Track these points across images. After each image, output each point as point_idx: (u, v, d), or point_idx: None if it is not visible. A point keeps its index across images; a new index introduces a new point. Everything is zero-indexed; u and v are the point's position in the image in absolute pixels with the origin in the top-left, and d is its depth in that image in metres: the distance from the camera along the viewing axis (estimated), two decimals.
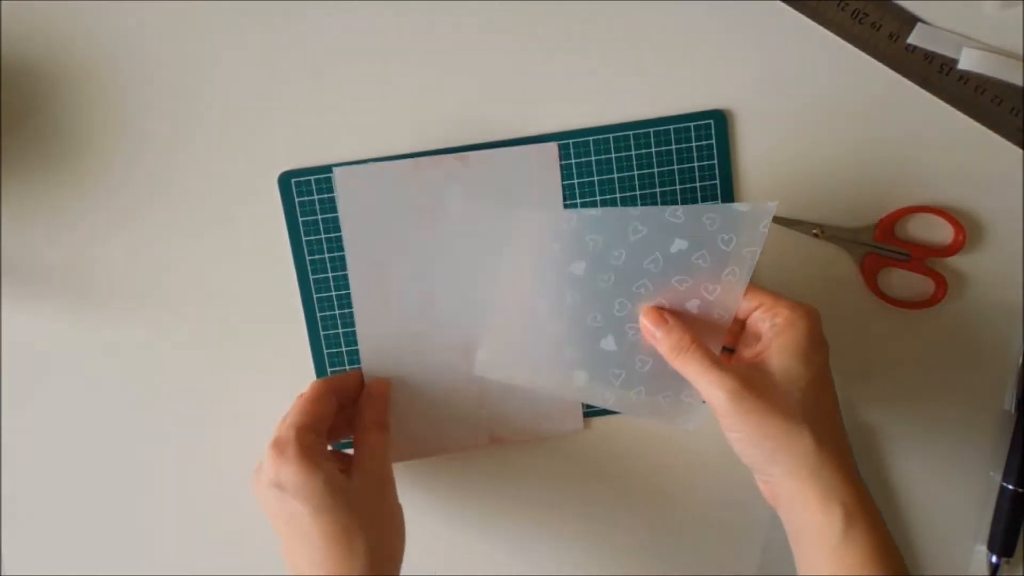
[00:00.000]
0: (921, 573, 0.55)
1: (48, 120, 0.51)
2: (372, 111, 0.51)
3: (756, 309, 0.45)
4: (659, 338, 0.45)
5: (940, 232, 0.52)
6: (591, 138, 0.51)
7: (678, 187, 0.51)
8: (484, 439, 0.53)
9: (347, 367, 0.53)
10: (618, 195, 0.51)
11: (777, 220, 0.52)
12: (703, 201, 0.51)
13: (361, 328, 0.52)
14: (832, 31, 0.51)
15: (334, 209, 0.52)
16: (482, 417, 0.52)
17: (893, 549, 0.43)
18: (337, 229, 0.52)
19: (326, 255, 0.52)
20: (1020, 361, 0.53)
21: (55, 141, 0.51)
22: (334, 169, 0.51)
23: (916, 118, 0.51)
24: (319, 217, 0.52)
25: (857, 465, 0.44)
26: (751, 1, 0.51)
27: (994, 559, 0.53)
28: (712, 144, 0.51)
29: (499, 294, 0.49)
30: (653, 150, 0.51)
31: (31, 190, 0.52)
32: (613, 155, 0.51)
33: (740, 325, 0.46)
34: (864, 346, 0.53)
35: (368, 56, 0.51)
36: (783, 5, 0.51)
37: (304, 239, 0.52)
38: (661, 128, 0.51)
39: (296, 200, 0.52)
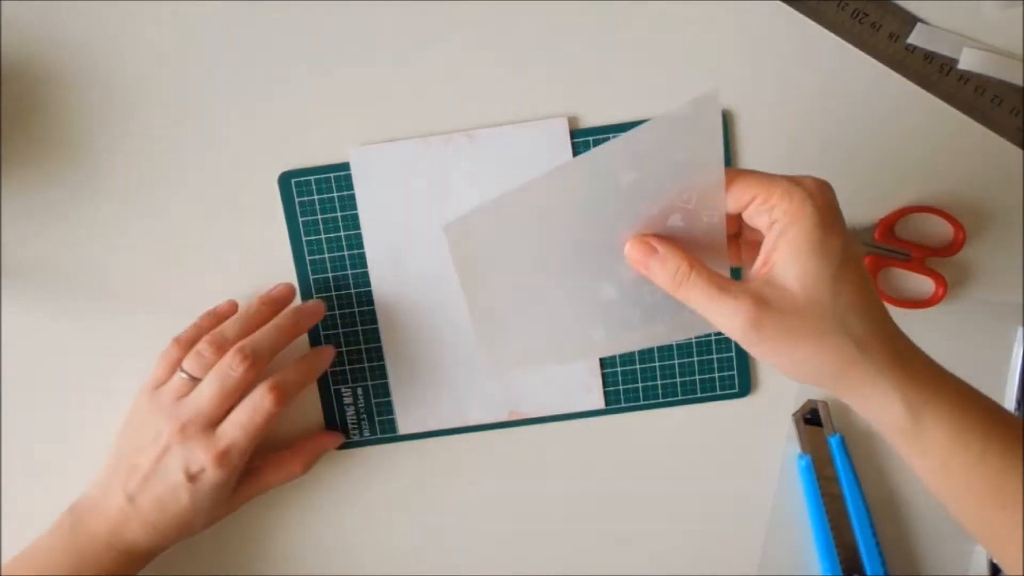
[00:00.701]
0: (921, 573, 0.55)
1: (48, 120, 0.51)
2: (370, 112, 0.51)
3: (750, 203, 0.38)
4: (654, 272, 0.39)
5: (940, 232, 0.52)
6: (591, 138, 0.51)
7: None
8: (504, 413, 0.53)
9: (348, 367, 0.53)
10: None
11: None
12: None
13: (380, 308, 0.52)
14: (832, 31, 0.51)
15: (334, 209, 0.52)
16: (501, 391, 0.53)
17: (978, 422, 0.37)
18: (337, 230, 0.52)
19: (326, 255, 0.52)
20: (1020, 361, 0.53)
21: (55, 141, 0.51)
22: (350, 151, 0.51)
23: (916, 118, 0.51)
24: (319, 217, 0.52)
25: (908, 339, 0.39)
26: (751, 1, 0.51)
27: (995, 559, 0.54)
28: None
29: (473, 292, 0.43)
30: None
31: (31, 190, 0.52)
32: None
33: (737, 227, 0.41)
34: None
35: (367, 54, 0.51)
36: (783, 5, 0.51)
37: (304, 239, 0.52)
38: None
39: (296, 200, 0.52)
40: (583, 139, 0.51)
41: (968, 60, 0.50)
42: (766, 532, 0.54)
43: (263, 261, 0.52)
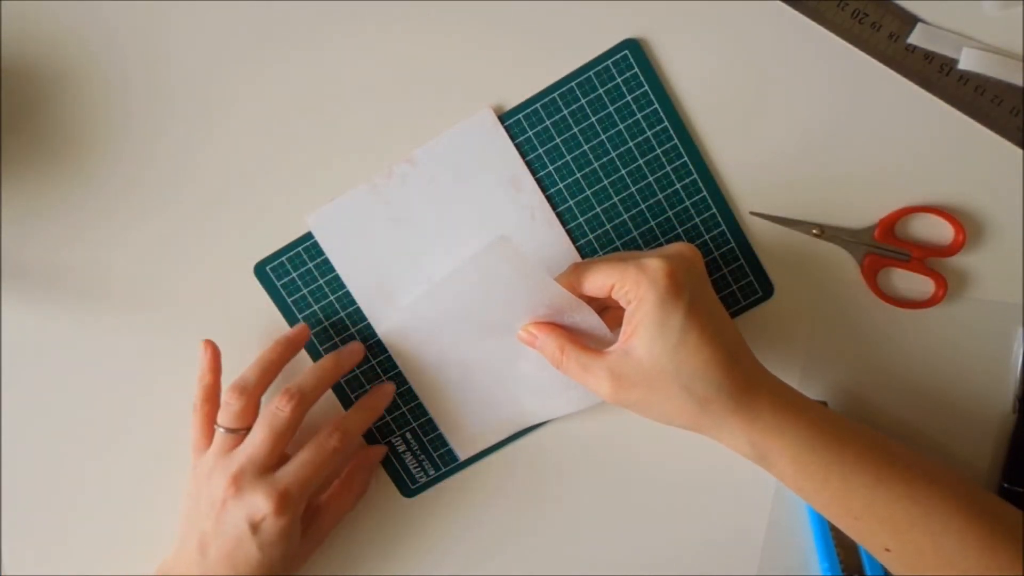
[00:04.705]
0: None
1: (48, 121, 0.51)
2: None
3: (611, 289, 0.45)
4: (542, 353, 0.47)
5: (940, 232, 0.52)
6: (520, 115, 0.51)
7: (621, 126, 0.51)
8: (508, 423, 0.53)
9: (389, 418, 0.53)
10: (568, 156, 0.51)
11: (777, 220, 0.52)
12: (652, 133, 0.51)
13: (394, 352, 0.52)
14: (832, 31, 0.51)
15: (315, 279, 0.52)
16: (505, 398, 0.53)
17: (819, 451, 0.43)
18: (325, 296, 0.52)
19: (325, 323, 0.53)
20: (1020, 361, 0.53)
21: (55, 142, 0.51)
22: (308, 219, 0.51)
23: (916, 118, 0.51)
24: (305, 292, 0.52)
25: (760, 382, 0.44)
26: (751, 1, 0.51)
27: None
28: (636, 73, 0.51)
29: (422, 387, 0.52)
30: (584, 102, 0.51)
31: (31, 190, 0.52)
32: (548, 122, 0.51)
33: (613, 304, 0.46)
34: (864, 346, 0.53)
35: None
36: (783, 5, 0.51)
37: (300, 316, 0.52)
38: (582, 77, 0.51)
39: (278, 284, 0.52)
40: (513, 118, 0.51)
41: (968, 60, 0.50)
42: (766, 532, 0.54)
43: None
